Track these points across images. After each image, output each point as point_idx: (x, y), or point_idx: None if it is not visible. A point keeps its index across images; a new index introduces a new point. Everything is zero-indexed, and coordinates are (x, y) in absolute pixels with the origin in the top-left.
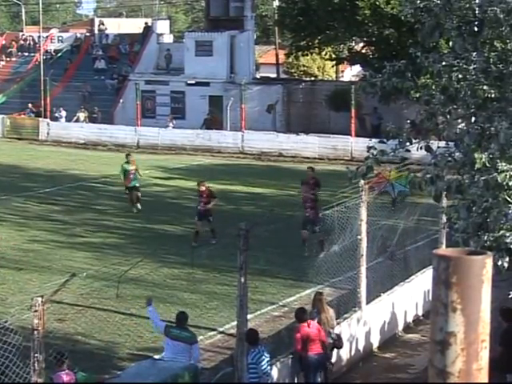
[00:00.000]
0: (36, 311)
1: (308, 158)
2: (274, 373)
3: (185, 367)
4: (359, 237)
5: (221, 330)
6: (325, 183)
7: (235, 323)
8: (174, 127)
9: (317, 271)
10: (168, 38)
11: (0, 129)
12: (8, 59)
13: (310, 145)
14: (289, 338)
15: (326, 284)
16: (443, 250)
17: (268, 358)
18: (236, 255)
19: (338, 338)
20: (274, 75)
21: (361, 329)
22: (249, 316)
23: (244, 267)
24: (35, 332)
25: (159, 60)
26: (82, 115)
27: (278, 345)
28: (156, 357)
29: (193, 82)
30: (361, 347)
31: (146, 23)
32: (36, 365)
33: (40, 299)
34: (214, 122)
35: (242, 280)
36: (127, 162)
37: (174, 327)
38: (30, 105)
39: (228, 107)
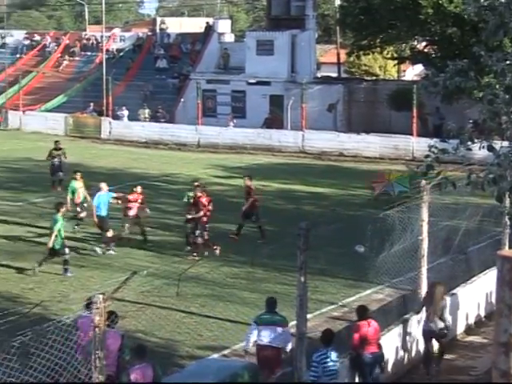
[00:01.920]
0: (97, 308)
1: (369, 157)
2: None
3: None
4: (420, 237)
5: None
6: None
7: (295, 323)
8: (234, 126)
9: (377, 271)
10: (229, 38)
11: (63, 127)
12: (71, 58)
13: (371, 144)
14: (349, 339)
15: (386, 284)
16: (507, 251)
17: (334, 362)
18: (296, 255)
19: (446, 328)
20: (335, 74)
21: (421, 330)
22: (308, 316)
23: (304, 267)
24: (96, 329)
25: (220, 59)
26: (145, 112)
27: (337, 345)
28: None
29: (254, 81)
30: (421, 349)
31: (207, 22)
32: (97, 362)
33: (101, 296)
34: (274, 121)
35: (302, 279)
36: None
37: (265, 313)
38: (92, 104)
39: (289, 106)
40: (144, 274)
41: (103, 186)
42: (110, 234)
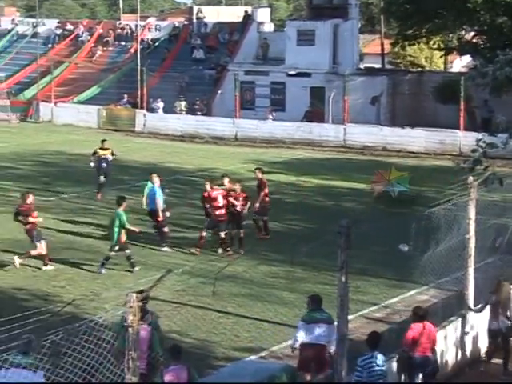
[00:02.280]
0: (131, 307)
1: (414, 152)
2: None
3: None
4: (467, 236)
5: None
6: (431, 179)
7: (335, 324)
8: (273, 119)
9: (422, 271)
10: (268, 27)
11: (96, 120)
12: (105, 48)
13: (415, 139)
14: (392, 341)
15: (431, 285)
16: None
17: (380, 366)
18: (336, 253)
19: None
20: (378, 66)
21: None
22: (349, 317)
23: (345, 266)
24: (130, 329)
25: (259, 50)
26: (181, 105)
27: (380, 348)
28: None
29: (294, 72)
30: (468, 352)
31: (245, 11)
32: (130, 362)
33: (135, 295)
34: (315, 114)
35: (343, 279)
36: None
37: (313, 311)
38: (126, 95)
39: (330, 99)
40: (179, 272)
41: (155, 177)
42: (166, 229)
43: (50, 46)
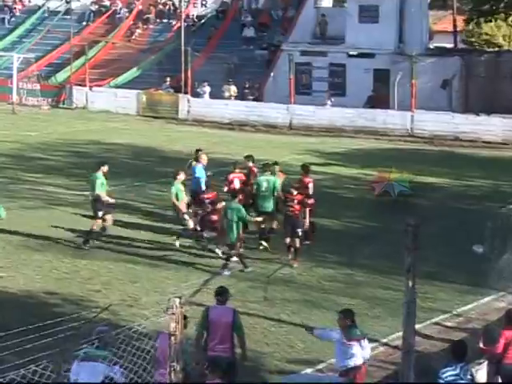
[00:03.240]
0: (173, 314)
1: (489, 142)
2: None
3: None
4: None
5: (384, 341)
6: (509, 173)
7: (401, 334)
8: (332, 105)
9: (498, 275)
10: (327, 2)
11: (135, 106)
12: (145, 26)
13: (492, 127)
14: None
15: (509, 291)
16: None
17: (468, 381)
18: (402, 255)
19: None
20: (450, 45)
21: None
22: (417, 326)
23: (412, 269)
24: (172, 338)
25: (316, 28)
26: (230, 89)
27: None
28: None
29: (355, 53)
30: None
31: None
32: (172, 375)
33: (178, 300)
34: (378, 99)
35: (410, 284)
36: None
37: (352, 326)
38: (168, 79)
39: (396, 82)
40: (227, 275)
41: (203, 156)
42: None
43: (84, 23)
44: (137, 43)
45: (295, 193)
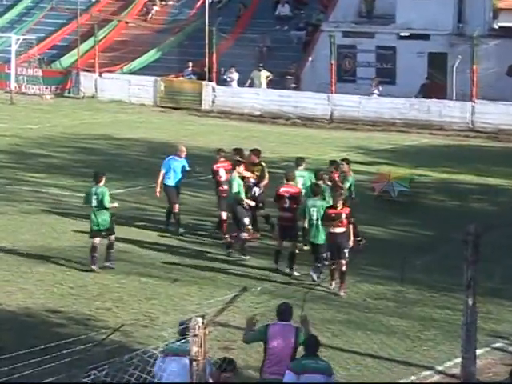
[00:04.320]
0: (195, 336)
1: None
2: None
3: None
4: None
5: (440, 368)
6: None
7: (459, 360)
8: (380, 95)
9: None
10: None
11: (152, 95)
12: (163, 3)
13: None
14: None
15: None
16: None
17: None
18: (461, 268)
19: None
20: None
21: None
22: (478, 351)
23: (472, 285)
24: (194, 363)
25: (362, 4)
26: (260, 76)
27: None
28: None
29: (407, 34)
30: None
31: None
32: None
33: (200, 320)
34: (434, 88)
35: (470, 302)
36: None
37: (306, 357)
38: (190, 64)
39: (454, 68)
40: (257, 290)
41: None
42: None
43: (93, 0)
44: (154, 22)
45: (340, 206)
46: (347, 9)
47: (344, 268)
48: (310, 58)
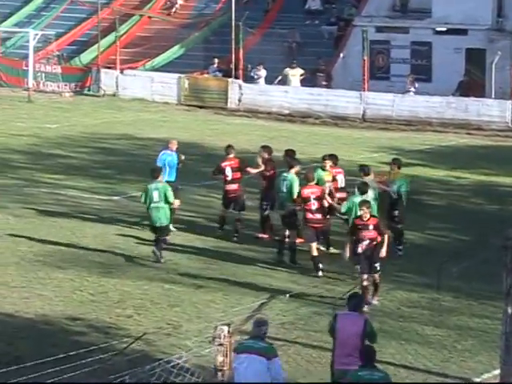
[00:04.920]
0: (220, 345)
1: None
2: None
3: None
4: None
5: (477, 380)
6: None
7: (498, 372)
8: (415, 93)
9: None
10: None
11: (176, 93)
12: None
13: None
14: None
15: None
16: None
17: None
18: (501, 275)
19: None
20: None
21: None
22: None
23: None
24: (219, 373)
25: None
26: (289, 73)
27: None
28: None
29: (443, 29)
30: None
31: None
32: None
33: (226, 329)
34: (472, 85)
35: (510, 311)
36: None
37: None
38: (215, 60)
39: (493, 65)
40: (286, 298)
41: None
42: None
43: None
44: (178, 17)
45: (368, 215)
46: (381, 2)
47: (378, 280)
48: (342, 55)
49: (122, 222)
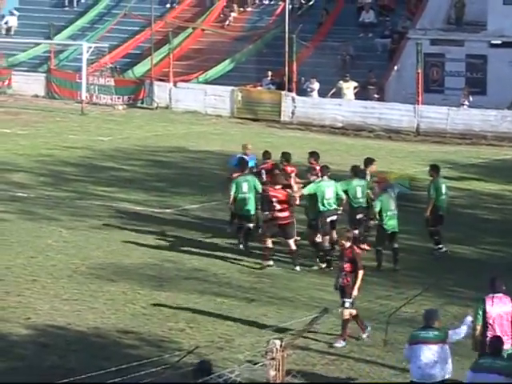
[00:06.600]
0: (273, 359)
1: None
2: None
3: None
4: None
5: None
6: None
7: None
8: (470, 106)
9: None
10: None
11: (229, 105)
12: (241, 9)
13: None
14: None
15: None
16: None
17: None
18: None
19: None
20: None
21: None
22: None
23: None
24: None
25: (451, 11)
26: (344, 86)
27: None
28: None
29: (499, 41)
30: None
31: None
32: None
33: (278, 342)
34: None
35: None
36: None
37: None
38: (269, 73)
39: None
40: (339, 312)
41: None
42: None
43: (168, 6)
44: (231, 30)
45: (345, 244)
46: (435, 15)
47: (345, 316)
48: (396, 68)
49: (174, 235)
